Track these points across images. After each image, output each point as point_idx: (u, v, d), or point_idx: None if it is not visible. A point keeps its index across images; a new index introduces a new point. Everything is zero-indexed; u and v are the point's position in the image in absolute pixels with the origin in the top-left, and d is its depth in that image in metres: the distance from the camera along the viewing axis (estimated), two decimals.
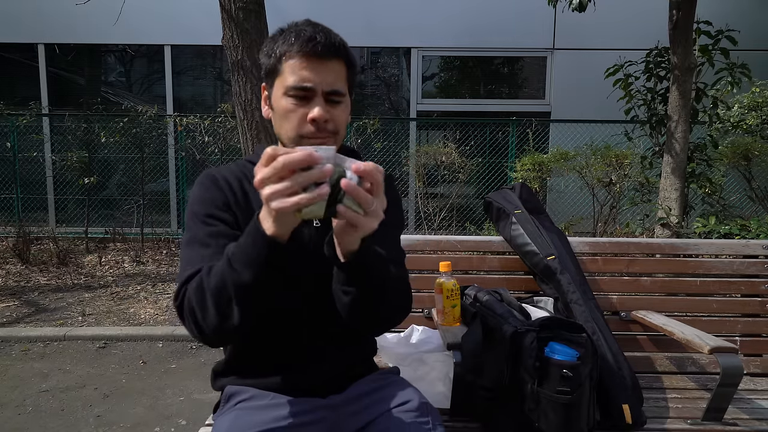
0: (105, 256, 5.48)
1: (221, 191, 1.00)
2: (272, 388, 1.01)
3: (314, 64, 0.91)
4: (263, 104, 1.03)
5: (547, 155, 5.26)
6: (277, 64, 0.94)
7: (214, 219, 0.96)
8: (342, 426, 1.00)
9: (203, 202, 0.99)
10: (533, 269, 1.68)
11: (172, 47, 6.91)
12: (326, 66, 0.92)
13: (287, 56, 0.92)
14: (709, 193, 4.26)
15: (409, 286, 1.01)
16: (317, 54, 0.91)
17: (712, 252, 1.75)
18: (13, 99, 6.46)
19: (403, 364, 1.42)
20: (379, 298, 0.89)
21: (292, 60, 0.92)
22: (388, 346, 1.50)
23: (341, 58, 0.94)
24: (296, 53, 0.91)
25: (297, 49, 0.91)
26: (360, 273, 0.84)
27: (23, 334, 3.47)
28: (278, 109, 0.95)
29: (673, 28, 3.58)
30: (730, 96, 4.23)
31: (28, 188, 6.51)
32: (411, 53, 6.89)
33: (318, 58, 0.91)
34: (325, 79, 0.92)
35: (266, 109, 1.02)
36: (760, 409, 1.45)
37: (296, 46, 0.91)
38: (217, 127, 5.77)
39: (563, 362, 1.16)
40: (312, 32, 0.91)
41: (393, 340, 1.55)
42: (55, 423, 2.39)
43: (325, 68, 0.92)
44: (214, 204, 0.98)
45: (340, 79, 0.94)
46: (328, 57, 0.92)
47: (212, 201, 0.98)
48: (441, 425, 0.99)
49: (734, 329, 1.70)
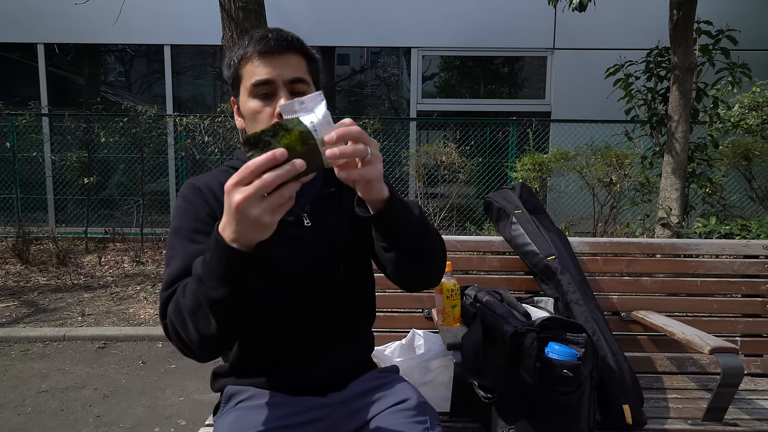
0: (104, 256, 5.48)
1: (205, 201, 0.98)
2: (272, 388, 1.01)
3: (270, 59, 0.93)
4: (236, 116, 1.03)
5: (547, 155, 5.26)
6: (238, 70, 0.96)
7: (199, 234, 0.93)
8: (341, 424, 1.00)
9: (186, 214, 0.97)
10: (533, 269, 1.67)
11: (172, 47, 6.90)
12: (283, 59, 0.94)
13: (244, 60, 0.95)
14: (709, 193, 4.26)
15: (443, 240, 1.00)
16: (271, 49, 0.93)
17: (712, 252, 1.75)
18: (13, 99, 6.45)
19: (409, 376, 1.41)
20: (419, 245, 0.91)
21: (250, 63, 0.94)
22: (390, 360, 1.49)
23: (297, 51, 0.95)
24: (251, 54, 0.93)
25: (252, 50, 0.93)
26: (397, 219, 0.84)
27: (23, 334, 3.47)
28: (246, 113, 0.96)
29: (673, 27, 3.58)
30: (730, 96, 4.23)
31: (28, 188, 6.50)
32: (411, 53, 6.88)
33: (273, 54, 0.93)
34: (284, 71, 0.93)
35: (239, 120, 1.02)
36: (760, 409, 1.45)
37: (251, 47, 0.93)
38: (217, 127, 5.76)
39: (563, 362, 1.16)
40: (263, 32, 0.95)
41: (395, 351, 1.55)
42: (54, 423, 2.39)
43: (282, 61, 0.93)
44: (198, 217, 0.96)
45: (300, 70, 0.95)
46: (283, 51, 0.93)
47: (195, 213, 0.96)
48: (439, 425, 1.00)
49: (735, 329, 1.70)
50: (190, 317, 0.80)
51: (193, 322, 0.80)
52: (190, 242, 0.92)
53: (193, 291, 0.79)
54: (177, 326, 0.82)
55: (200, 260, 0.79)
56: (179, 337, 0.83)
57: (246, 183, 0.67)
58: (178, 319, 0.82)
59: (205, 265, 0.77)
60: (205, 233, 0.93)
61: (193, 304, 0.79)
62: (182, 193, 1.01)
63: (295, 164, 0.66)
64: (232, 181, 0.68)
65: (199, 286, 0.77)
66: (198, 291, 0.77)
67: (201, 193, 0.99)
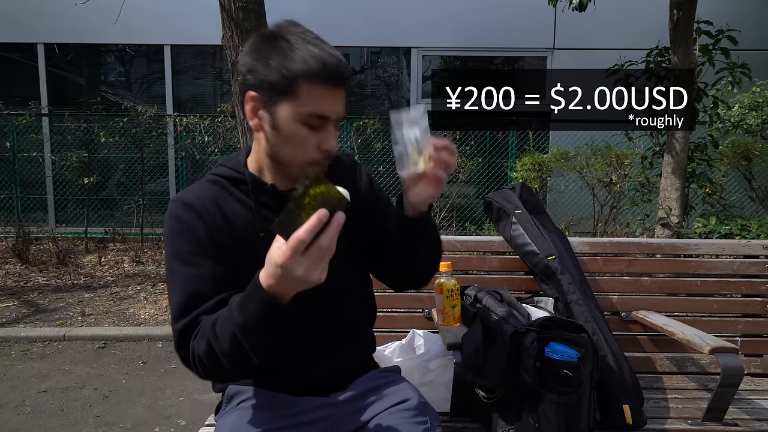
0: (105, 256, 5.47)
1: (201, 220, 0.93)
2: (274, 388, 1.01)
3: (333, 92, 0.89)
4: (250, 114, 0.91)
5: (547, 155, 5.25)
6: (291, 84, 0.85)
7: (197, 257, 0.91)
8: (342, 424, 1.00)
9: (180, 235, 0.92)
10: (533, 269, 1.67)
11: (172, 47, 6.90)
12: (340, 93, 0.90)
13: (307, 81, 0.85)
14: (709, 193, 4.26)
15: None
16: (338, 82, 0.88)
17: (712, 252, 1.75)
18: (13, 99, 6.45)
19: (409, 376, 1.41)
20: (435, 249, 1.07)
21: (314, 87, 0.86)
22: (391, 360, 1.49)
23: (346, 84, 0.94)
24: (319, 80, 0.85)
25: (321, 77, 0.85)
26: (427, 226, 1.01)
27: (23, 334, 3.47)
28: (286, 132, 0.88)
29: (673, 27, 3.58)
30: (730, 96, 4.23)
31: (28, 188, 6.50)
32: (411, 53, 6.88)
33: (337, 87, 0.89)
34: (339, 108, 0.91)
35: (256, 121, 0.91)
36: (760, 409, 1.45)
37: (322, 74, 0.85)
38: (217, 127, 5.76)
39: (563, 362, 1.16)
40: (335, 61, 0.86)
41: (395, 351, 1.55)
42: (54, 423, 2.39)
43: (339, 96, 0.90)
44: (196, 238, 0.92)
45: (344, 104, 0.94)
46: (344, 85, 0.90)
47: (192, 234, 0.92)
48: (439, 425, 1.00)
49: (735, 329, 1.70)
50: (228, 359, 0.81)
51: (229, 362, 0.82)
52: (188, 266, 0.90)
53: (232, 335, 0.79)
54: (208, 364, 0.84)
55: (238, 306, 0.79)
56: (207, 372, 0.86)
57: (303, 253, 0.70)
58: (211, 358, 0.83)
59: (246, 314, 0.78)
60: (205, 256, 0.91)
61: (232, 350, 0.80)
62: (173, 212, 0.94)
63: (339, 219, 0.71)
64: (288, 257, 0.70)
65: (242, 334, 0.78)
66: (239, 336, 0.79)
67: (195, 211, 0.93)
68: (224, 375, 0.91)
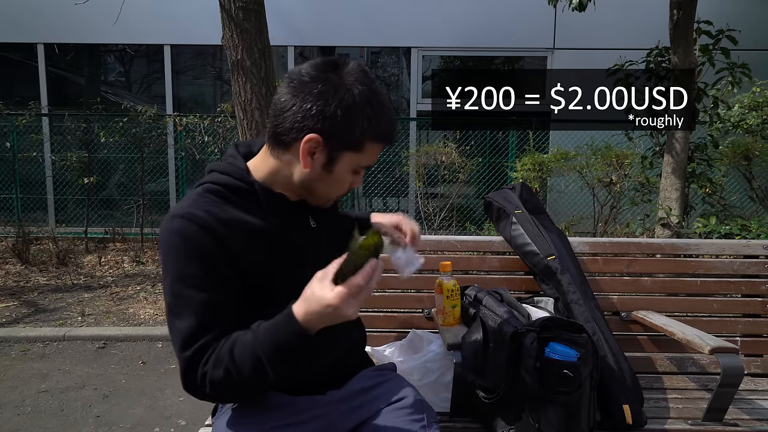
0: (105, 256, 5.47)
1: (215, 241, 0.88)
2: (271, 387, 1.01)
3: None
4: (306, 156, 0.90)
5: (547, 155, 5.25)
6: (360, 140, 0.91)
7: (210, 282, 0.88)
8: (339, 422, 1.01)
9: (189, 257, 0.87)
10: (533, 269, 1.67)
11: (172, 47, 6.90)
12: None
13: (371, 139, 0.93)
14: (709, 193, 4.25)
15: None
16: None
17: (712, 252, 1.75)
18: (13, 99, 6.45)
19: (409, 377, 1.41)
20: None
21: (375, 144, 0.94)
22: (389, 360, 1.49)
23: None
24: (380, 140, 0.94)
25: (385, 141, 0.95)
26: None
27: (23, 334, 3.47)
28: (337, 177, 0.94)
29: (673, 27, 3.58)
30: (730, 96, 4.22)
31: (28, 188, 6.50)
32: (411, 53, 6.88)
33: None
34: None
35: (309, 161, 0.90)
36: (760, 409, 1.45)
37: (387, 139, 0.95)
38: (216, 127, 5.76)
39: (563, 362, 1.16)
40: (395, 127, 0.97)
41: (395, 351, 1.55)
42: (54, 423, 2.39)
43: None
44: (211, 261, 0.88)
45: None
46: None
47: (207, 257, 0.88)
48: (436, 422, 1.01)
49: (735, 329, 1.70)
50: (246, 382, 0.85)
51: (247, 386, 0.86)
52: (200, 291, 0.87)
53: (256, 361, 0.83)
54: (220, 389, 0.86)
55: (268, 336, 0.83)
56: (217, 395, 0.88)
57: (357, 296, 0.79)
58: (226, 383, 0.85)
59: (276, 344, 0.82)
60: (213, 280, 0.88)
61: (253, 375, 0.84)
62: (178, 229, 0.88)
63: (380, 264, 0.81)
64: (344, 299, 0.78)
65: (269, 361, 0.82)
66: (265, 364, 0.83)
67: (204, 232, 0.88)
68: (236, 397, 0.94)
